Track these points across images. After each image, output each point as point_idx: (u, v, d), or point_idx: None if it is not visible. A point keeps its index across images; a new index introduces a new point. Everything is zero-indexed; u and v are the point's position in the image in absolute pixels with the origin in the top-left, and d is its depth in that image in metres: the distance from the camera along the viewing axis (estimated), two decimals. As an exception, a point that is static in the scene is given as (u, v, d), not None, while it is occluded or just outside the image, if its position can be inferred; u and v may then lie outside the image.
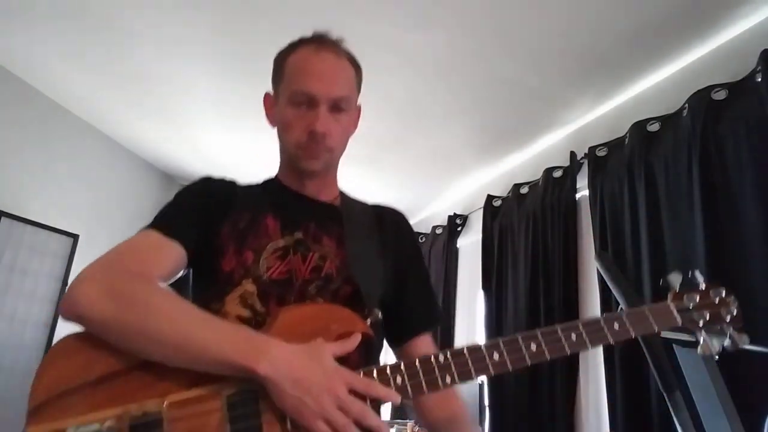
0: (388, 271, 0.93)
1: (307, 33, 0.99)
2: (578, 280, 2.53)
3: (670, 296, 0.93)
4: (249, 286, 0.83)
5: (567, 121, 2.84)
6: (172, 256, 0.81)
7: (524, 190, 3.12)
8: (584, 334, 0.81)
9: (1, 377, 2.85)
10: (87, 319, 0.70)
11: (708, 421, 0.99)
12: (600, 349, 2.27)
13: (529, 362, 0.77)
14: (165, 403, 0.66)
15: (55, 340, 3.10)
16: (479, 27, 2.16)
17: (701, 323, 0.90)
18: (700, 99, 1.95)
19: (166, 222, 0.85)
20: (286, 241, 0.88)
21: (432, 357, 0.75)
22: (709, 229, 1.80)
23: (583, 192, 2.64)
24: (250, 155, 3.80)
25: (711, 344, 0.89)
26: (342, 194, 1.03)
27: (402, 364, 0.74)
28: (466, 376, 0.75)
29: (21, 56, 2.74)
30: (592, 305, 2.44)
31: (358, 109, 1.01)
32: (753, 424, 1.12)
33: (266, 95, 1.00)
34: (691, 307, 0.91)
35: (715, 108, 1.91)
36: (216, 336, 0.69)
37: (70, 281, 0.89)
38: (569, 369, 2.43)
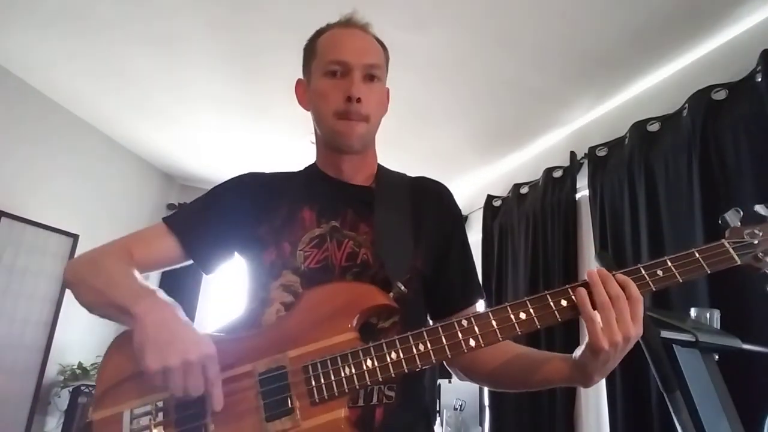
0: (422, 243, 0.92)
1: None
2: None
3: (726, 233, 0.81)
4: (290, 277, 0.86)
5: (567, 121, 2.84)
6: (163, 246, 0.90)
7: (524, 190, 3.12)
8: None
9: (1, 377, 2.85)
10: (64, 276, 0.85)
11: (708, 421, 0.99)
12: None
13: (559, 318, 0.77)
14: None
15: (55, 340, 3.12)
16: (480, 27, 2.16)
17: None
18: (700, 99, 1.95)
19: (175, 217, 0.93)
20: (322, 230, 0.89)
21: (455, 321, 0.75)
22: (708, 229, 1.80)
23: (583, 192, 2.64)
24: (251, 154, 3.80)
25: None
26: (379, 172, 1.01)
27: (424, 330, 0.75)
28: (491, 338, 0.74)
29: (21, 56, 2.74)
30: (592, 305, 2.44)
31: (388, 91, 1.00)
32: (753, 424, 1.12)
33: (298, 81, 1.01)
34: (755, 243, 0.78)
35: (715, 108, 1.91)
36: (122, 290, 0.77)
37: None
38: (569, 369, 2.43)
